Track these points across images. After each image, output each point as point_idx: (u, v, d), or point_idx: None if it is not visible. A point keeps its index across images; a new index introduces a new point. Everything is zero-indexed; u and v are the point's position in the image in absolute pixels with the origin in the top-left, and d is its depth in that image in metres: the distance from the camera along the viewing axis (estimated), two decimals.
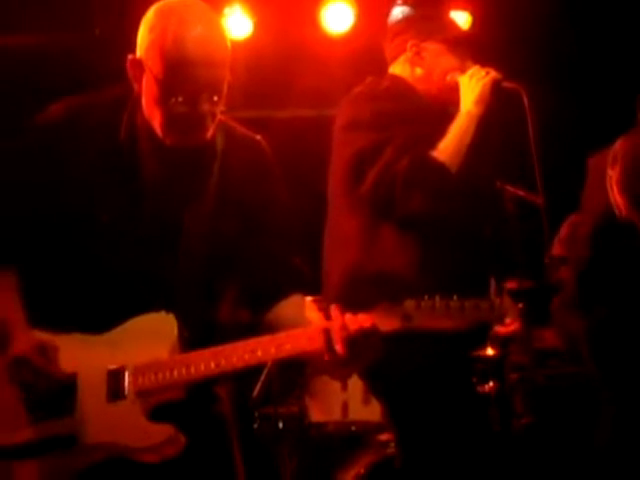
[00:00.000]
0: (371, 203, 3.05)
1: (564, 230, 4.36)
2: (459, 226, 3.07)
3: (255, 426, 4.39)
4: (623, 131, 3.95)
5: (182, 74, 2.18)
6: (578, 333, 3.87)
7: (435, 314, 2.07)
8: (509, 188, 3.97)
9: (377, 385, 3.21)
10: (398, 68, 3.30)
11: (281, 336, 2.18)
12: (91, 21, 5.17)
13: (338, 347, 2.10)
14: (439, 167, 3.01)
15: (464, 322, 2.07)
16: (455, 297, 2.08)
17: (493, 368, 4.34)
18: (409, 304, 2.08)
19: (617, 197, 3.64)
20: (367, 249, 3.08)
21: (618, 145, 3.78)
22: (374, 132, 3.04)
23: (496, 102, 3.13)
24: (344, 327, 2.10)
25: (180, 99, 2.19)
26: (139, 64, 2.26)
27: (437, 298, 2.07)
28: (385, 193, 2.99)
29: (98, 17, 5.15)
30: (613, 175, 3.68)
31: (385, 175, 2.97)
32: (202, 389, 2.31)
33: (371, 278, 3.06)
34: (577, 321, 3.86)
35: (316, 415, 4.38)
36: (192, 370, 2.18)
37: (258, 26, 5.36)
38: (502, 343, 4.29)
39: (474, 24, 5.11)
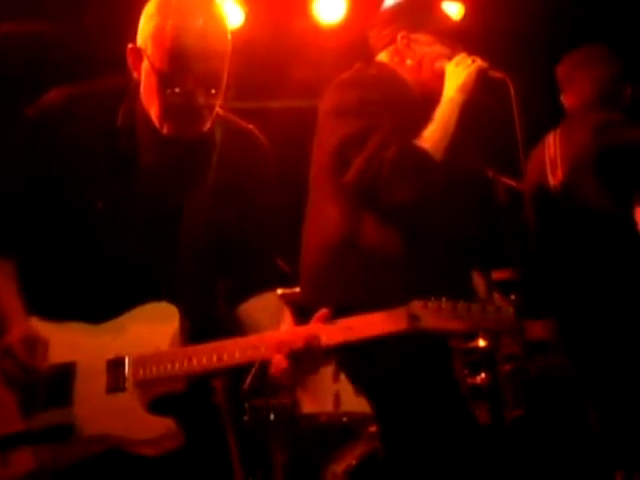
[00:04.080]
0: (355, 192, 3.03)
1: None
2: (444, 216, 3.04)
3: (246, 418, 4.38)
4: None
5: (179, 66, 2.18)
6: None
7: (442, 315, 2.06)
8: (502, 179, 3.97)
9: (359, 380, 3.20)
10: (386, 57, 3.28)
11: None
12: (82, 10, 5.14)
13: (277, 357, 2.14)
14: (423, 156, 2.98)
15: (471, 324, 2.06)
16: (462, 299, 2.07)
17: (484, 360, 4.35)
18: (416, 305, 2.07)
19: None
20: (351, 236, 3.06)
21: (552, 141, 3.85)
22: (360, 119, 3.00)
23: (482, 91, 3.11)
24: (292, 341, 2.12)
25: (177, 90, 2.19)
26: (138, 53, 2.26)
27: (444, 299, 2.07)
28: (370, 182, 2.95)
29: (89, 6, 5.13)
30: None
31: (371, 164, 2.94)
32: (198, 381, 2.29)
33: (354, 264, 3.04)
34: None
35: (308, 407, 4.37)
36: (194, 363, 2.17)
37: (250, 16, 5.34)
38: (492, 334, 4.29)
39: (466, 15, 5.10)
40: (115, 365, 2.21)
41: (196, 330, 2.25)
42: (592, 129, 3.74)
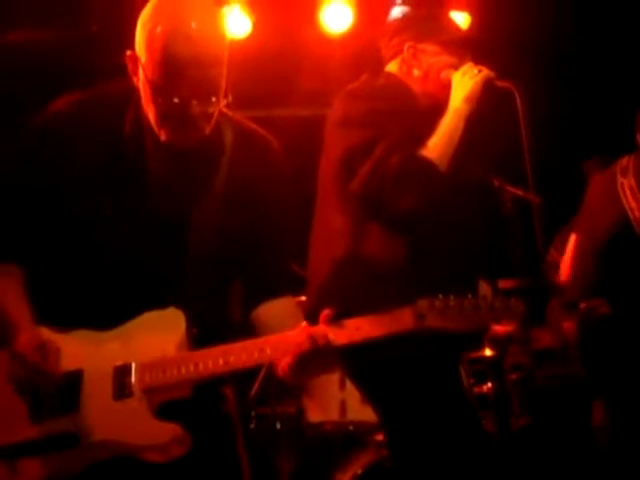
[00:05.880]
0: (361, 201, 3.04)
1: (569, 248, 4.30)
2: (448, 225, 3.05)
3: (252, 426, 4.38)
4: (619, 133, 3.98)
5: (172, 75, 2.14)
6: (569, 334, 3.90)
7: (449, 314, 2.05)
8: (508, 188, 3.98)
9: (365, 386, 3.20)
10: (395, 67, 3.29)
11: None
12: (88, 18, 5.16)
13: (287, 358, 2.14)
14: (428, 166, 2.99)
15: (478, 322, 2.05)
16: (469, 296, 2.06)
17: (491, 369, 4.34)
18: (422, 303, 2.06)
19: (632, 202, 3.69)
20: (356, 246, 3.07)
21: (626, 161, 3.85)
22: (366, 130, 3.02)
23: (489, 101, 3.12)
24: (298, 343, 2.12)
25: (175, 100, 2.15)
26: (136, 60, 2.23)
27: (451, 297, 2.06)
28: (375, 191, 2.98)
29: (95, 14, 5.14)
30: (625, 182, 3.73)
31: (375, 173, 2.96)
32: (209, 388, 2.29)
33: (359, 275, 3.05)
34: (568, 323, 3.90)
35: (314, 415, 4.37)
36: (200, 367, 2.16)
37: (257, 25, 5.36)
38: (500, 343, 4.29)
39: (473, 24, 5.11)
40: (122, 372, 2.20)
41: (205, 337, 2.24)
42: None
